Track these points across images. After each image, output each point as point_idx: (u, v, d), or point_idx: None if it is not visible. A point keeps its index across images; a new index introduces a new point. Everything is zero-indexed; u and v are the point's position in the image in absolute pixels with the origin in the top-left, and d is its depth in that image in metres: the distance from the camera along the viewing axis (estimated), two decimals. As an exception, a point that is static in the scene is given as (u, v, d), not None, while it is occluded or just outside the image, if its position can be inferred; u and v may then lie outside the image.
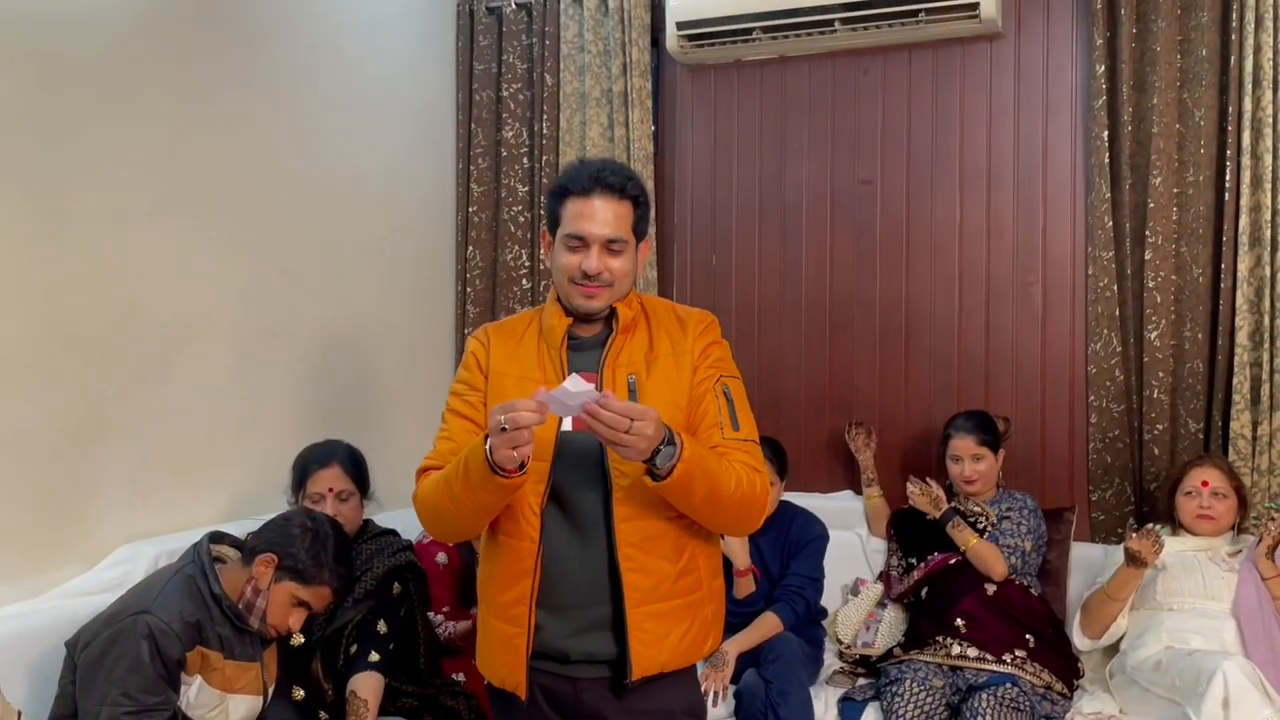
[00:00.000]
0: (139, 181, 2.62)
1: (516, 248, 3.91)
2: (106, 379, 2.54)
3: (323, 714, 2.46)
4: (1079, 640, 2.96)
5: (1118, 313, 3.31)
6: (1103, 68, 3.29)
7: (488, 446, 1.67)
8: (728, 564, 2.90)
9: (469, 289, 3.93)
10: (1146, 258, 3.25)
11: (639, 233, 1.91)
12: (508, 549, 1.85)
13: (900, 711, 2.72)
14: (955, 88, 3.57)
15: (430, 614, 2.83)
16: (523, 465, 1.70)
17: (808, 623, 3.08)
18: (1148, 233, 3.24)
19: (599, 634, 1.83)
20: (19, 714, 1.56)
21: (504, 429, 1.61)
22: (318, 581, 2.08)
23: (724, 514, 1.82)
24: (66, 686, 2.01)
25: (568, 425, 1.74)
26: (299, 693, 2.45)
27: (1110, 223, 3.30)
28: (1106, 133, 3.29)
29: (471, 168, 3.93)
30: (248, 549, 2.13)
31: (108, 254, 2.54)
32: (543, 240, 1.98)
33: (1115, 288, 3.30)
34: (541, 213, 3.86)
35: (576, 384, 1.60)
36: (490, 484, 1.70)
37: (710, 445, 1.83)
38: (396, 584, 2.62)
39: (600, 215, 1.84)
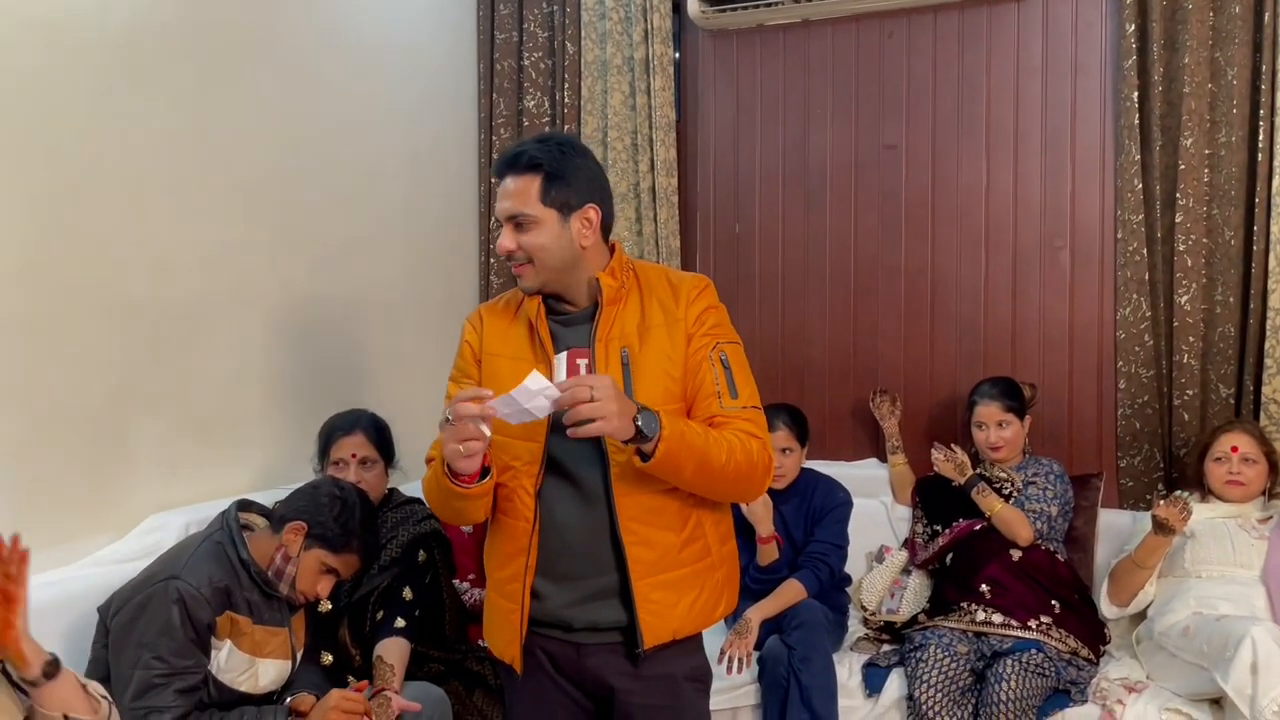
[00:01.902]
0: (166, 153, 2.64)
1: (539, 218, 3.90)
2: (136, 350, 2.57)
3: (350, 678, 2.50)
4: (1106, 608, 2.95)
5: (1147, 277, 3.26)
6: (1133, 26, 3.22)
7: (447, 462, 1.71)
8: (749, 528, 2.91)
9: (493, 260, 3.93)
10: (1177, 220, 3.19)
11: (555, 203, 1.82)
12: (505, 527, 1.87)
13: (924, 677, 2.72)
14: (981, 49, 3.51)
15: (456, 581, 2.86)
16: (485, 473, 1.74)
17: (831, 590, 3.09)
18: (1178, 195, 3.19)
19: (604, 603, 1.84)
20: (55, 657, 1.59)
21: (448, 419, 1.65)
22: (346, 549, 2.11)
23: (721, 485, 1.82)
24: (99, 651, 2.05)
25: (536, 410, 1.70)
26: (327, 658, 2.49)
27: (1140, 185, 3.24)
28: (1136, 93, 3.23)
29: (494, 138, 3.93)
30: (276, 517, 2.16)
31: (135, 226, 2.56)
32: None
33: (1145, 252, 3.25)
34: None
35: (536, 381, 1.60)
36: (458, 495, 1.75)
37: (709, 415, 1.82)
38: (421, 551, 2.65)
39: (504, 196, 1.84)
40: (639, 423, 1.66)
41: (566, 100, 3.84)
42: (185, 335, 2.71)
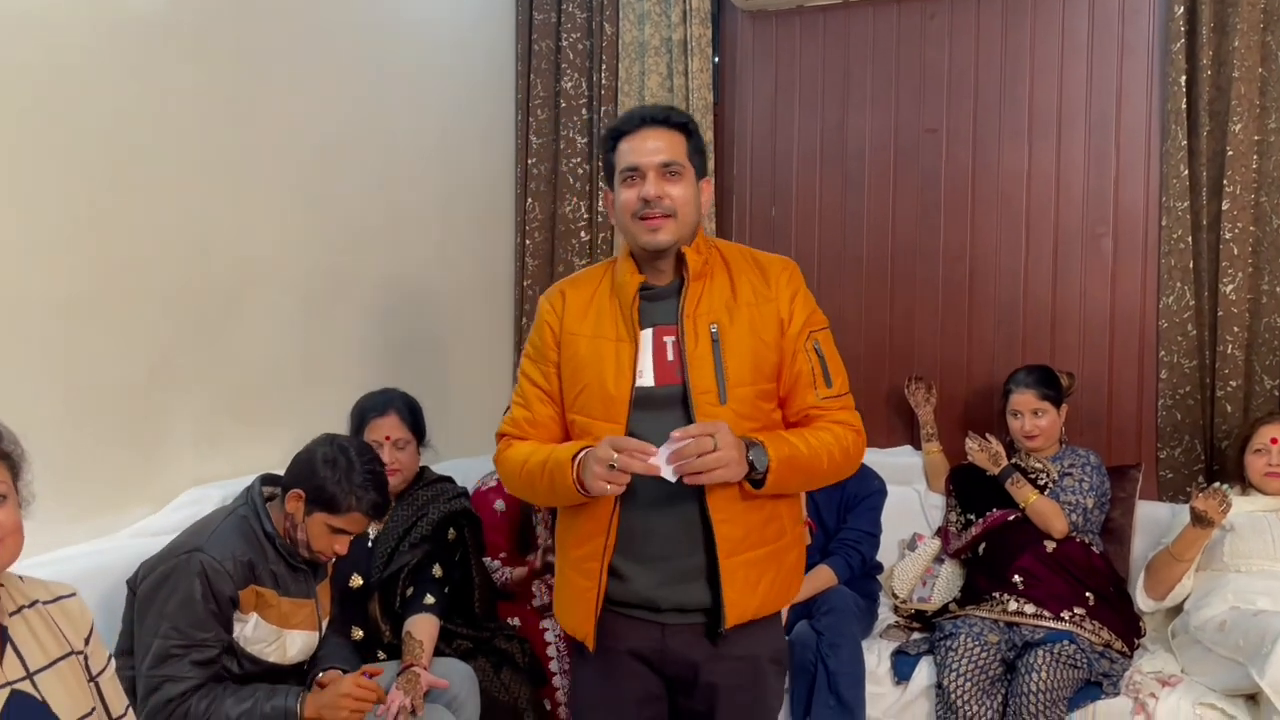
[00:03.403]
0: (204, 134, 2.66)
1: (575, 200, 3.90)
2: (174, 327, 2.60)
3: (380, 653, 2.53)
4: (1142, 601, 2.90)
5: (1191, 265, 3.19)
6: (1181, 9, 3.15)
7: (576, 463, 1.73)
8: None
9: (528, 241, 3.94)
10: (1224, 208, 3.12)
11: (696, 165, 1.86)
12: (584, 506, 1.85)
13: (954, 666, 2.70)
14: (1025, 30, 3.45)
15: (486, 559, 2.89)
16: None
17: (862, 577, 3.07)
18: (1225, 182, 3.11)
19: (691, 584, 1.84)
20: (74, 592, 1.63)
21: (612, 466, 1.68)
22: (346, 508, 2.09)
23: (821, 483, 1.92)
24: (129, 621, 2.09)
25: (649, 380, 1.82)
26: (358, 633, 2.52)
27: (1186, 171, 3.17)
28: (1184, 77, 3.16)
29: (530, 119, 3.93)
30: (282, 486, 2.18)
31: (175, 207, 2.59)
32: (604, 199, 1.96)
33: (1190, 239, 3.19)
34: (599, 164, 3.85)
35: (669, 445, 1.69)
36: (571, 496, 1.78)
37: (805, 405, 1.85)
38: (452, 530, 2.67)
39: (651, 144, 1.82)
40: (750, 460, 1.72)
41: (604, 82, 3.83)
42: (223, 314, 2.75)
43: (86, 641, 1.62)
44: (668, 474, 1.68)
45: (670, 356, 1.82)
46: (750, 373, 1.81)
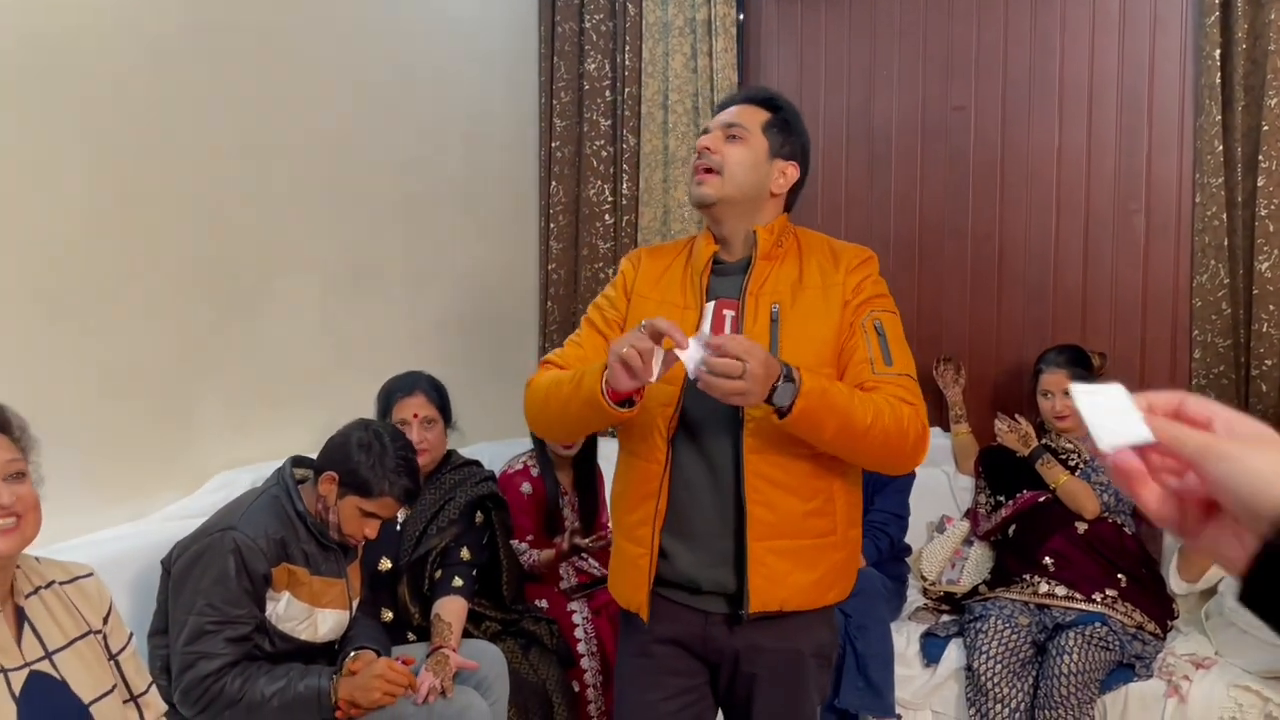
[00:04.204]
0: (231, 117, 2.67)
1: (599, 182, 3.89)
2: (204, 313, 2.62)
3: (410, 635, 2.54)
4: (1175, 584, 2.88)
5: (1226, 243, 3.14)
6: (1216, -19, 3.09)
7: (607, 372, 1.67)
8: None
9: (552, 224, 3.93)
10: (1259, 184, 3.07)
11: (770, 137, 1.86)
12: (637, 470, 1.85)
13: (984, 648, 2.69)
14: (1056, 5, 3.40)
15: (514, 541, 2.89)
16: (632, 401, 1.71)
17: (890, 559, 3.06)
18: (1260, 158, 3.06)
19: (725, 568, 1.81)
20: (91, 572, 1.66)
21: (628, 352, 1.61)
22: (379, 493, 2.11)
23: (865, 449, 1.72)
24: (163, 601, 2.11)
25: (689, 367, 1.71)
26: (387, 615, 2.53)
27: (1220, 147, 3.12)
28: (1219, 51, 3.10)
29: (554, 102, 3.91)
30: (315, 468, 2.19)
31: (203, 190, 2.60)
32: None
33: (1224, 216, 3.13)
34: (624, 147, 3.84)
35: (701, 337, 1.61)
36: (594, 405, 1.70)
37: (858, 381, 1.77)
38: (480, 513, 2.68)
39: (728, 112, 1.89)
40: (774, 392, 1.62)
41: (627, 63, 3.81)
42: (251, 298, 2.76)
43: (105, 621, 1.64)
44: (690, 366, 1.62)
45: (728, 330, 1.81)
46: (811, 357, 1.77)
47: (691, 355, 1.60)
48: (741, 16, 3.77)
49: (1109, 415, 0.75)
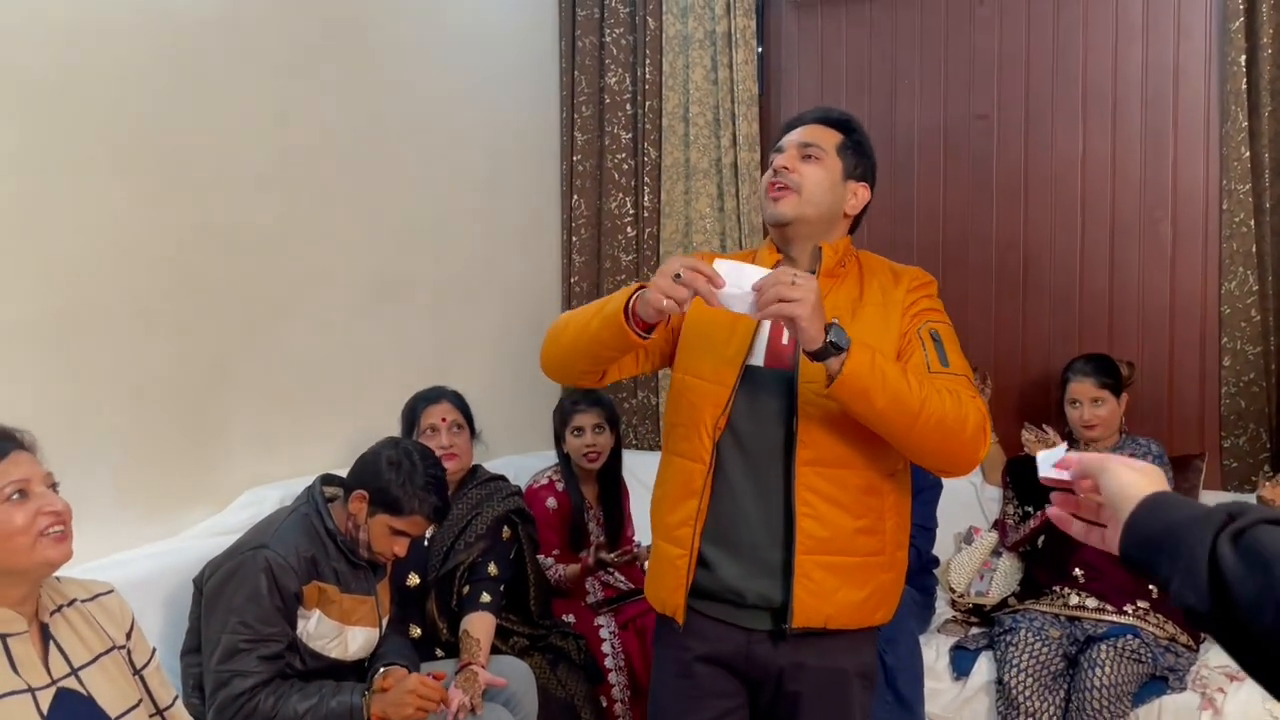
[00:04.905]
0: (259, 140, 2.70)
1: (621, 195, 3.90)
2: (232, 331, 2.64)
3: (438, 651, 2.55)
4: (1208, 592, 2.84)
5: (1254, 249, 3.11)
6: (1240, -14, 3.07)
7: (635, 295, 1.69)
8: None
9: (574, 238, 3.94)
10: (1287, 190, 3.05)
11: (844, 159, 1.87)
12: (680, 470, 1.83)
13: (1015, 661, 2.66)
14: (1078, 12, 3.38)
15: (541, 556, 2.89)
16: (652, 328, 1.72)
17: (919, 571, 3.03)
18: (1288, 163, 3.04)
19: (771, 580, 1.78)
20: (112, 589, 1.69)
21: (678, 277, 1.61)
22: (409, 511, 2.13)
23: (920, 432, 1.66)
24: (196, 620, 2.12)
25: (759, 360, 1.76)
26: (415, 631, 2.54)
27: (1247, 153, 3.09)
28: (1244, 56, 3.08)
29: (575, 116, 3.92)
30: (346, 486, 2.21)
31: (229, 211, 2.62)
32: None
33: (1252, 222, 3.11)
34: (645, 160, 3.84)
35: (757, 270, 1.61)
36: (614, 324, 1.71)
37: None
38: (506, 528, 2.68)
39: (801, 131, 1.90)
40: (829, 332, 1.60)
41: (648, 76, 3.82)
42: (278, 316, 2.78)
43: (128, 636, 1.65)
44: (741, 305, 1.60)
45: (785, 340, 1.81)
46: None
47: (736, 295, 1.59)
48: (761, 28, 3.76)
49: (1050, 459, 1.21)
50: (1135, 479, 1.05)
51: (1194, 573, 0.90)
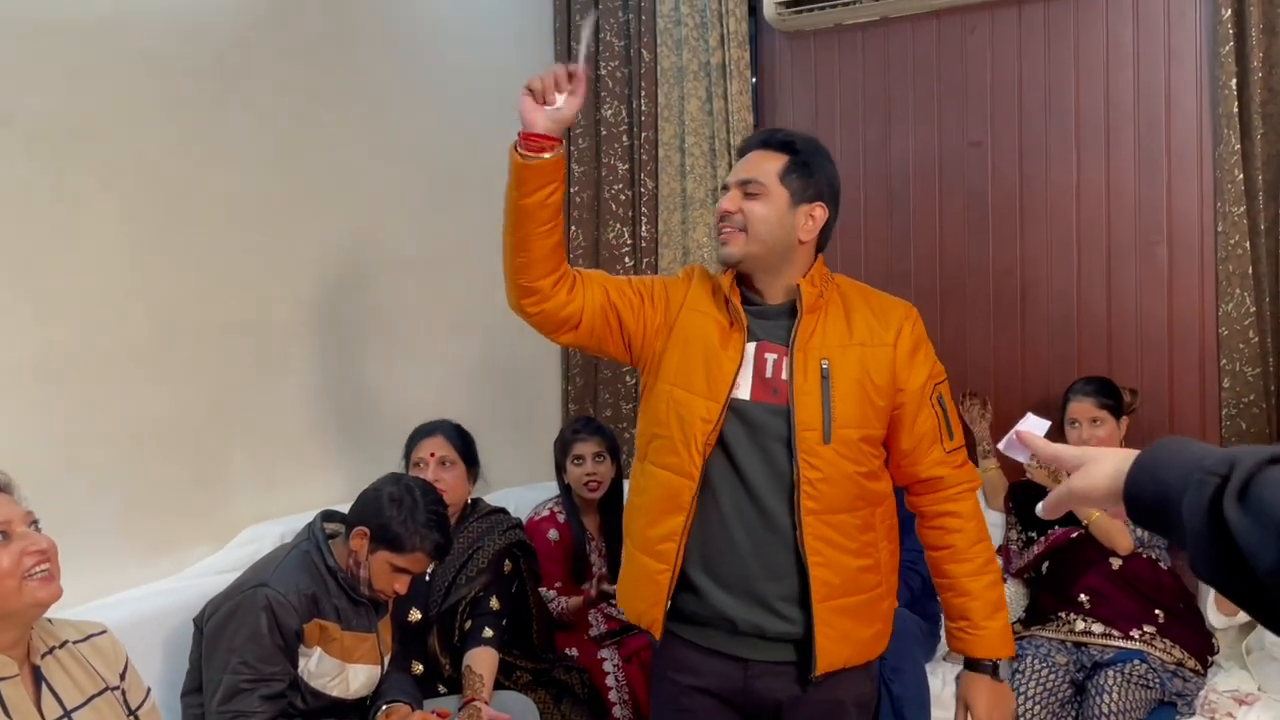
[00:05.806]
0: (259, 176, 2.71)
1: (618, 226, 3.91)
2: (232, 369, 2.64)
3: (441, 687, 2.53)
4: (1214, 617, 2.82)
5: (1251, 271, 3.12)
6: (1229, 11, 3.09)
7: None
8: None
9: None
10: (1282, 211, 3.06)
11: (790, 185, 1.85)
12: (664, 483, 1.81)
13: (1022, 689, 2.64)
14: (1069, 39, 3.41)
15: (543, 589, 2.88)
16: (543, 149, 1.80)
17: (923, 598, 3.02)
18: (1282, 184, 3.05)
19: (773, 617, 1.79)
20: (105, 629, 1.67)
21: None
22: (410, 548, 2.11)
23: None
24: (197, 660, 2.11)
25: (745, 394, 1.78)
26: (418, 667, 2.52)
27: (1241, 176, 3.11)
28: (1234, 80, 3.10)
29: (572, 148, 3.95)
30: (347, 523, 2.20)
31: (230, 249, 2.63)
32: None
33: (1248, 244, 3.11)
34: (642, 191, 3.86)
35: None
36: (514, 170, 1.82)
37: (932, 460, 1.86)
38: (508, 561, 2.67)
39: (745, 164, 1.88)
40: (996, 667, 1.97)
41: (644, 108, 3.85)
42: (278, 354, 2.78)
43: (122, 676, 1.64)
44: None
45: (769, 374, 1.80)
46: (857, 415, 1.78)
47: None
48: (755, 59, 3.79)
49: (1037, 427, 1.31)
50: (1102, 471, 1.11)
51: (1200, 546, 0.91)
